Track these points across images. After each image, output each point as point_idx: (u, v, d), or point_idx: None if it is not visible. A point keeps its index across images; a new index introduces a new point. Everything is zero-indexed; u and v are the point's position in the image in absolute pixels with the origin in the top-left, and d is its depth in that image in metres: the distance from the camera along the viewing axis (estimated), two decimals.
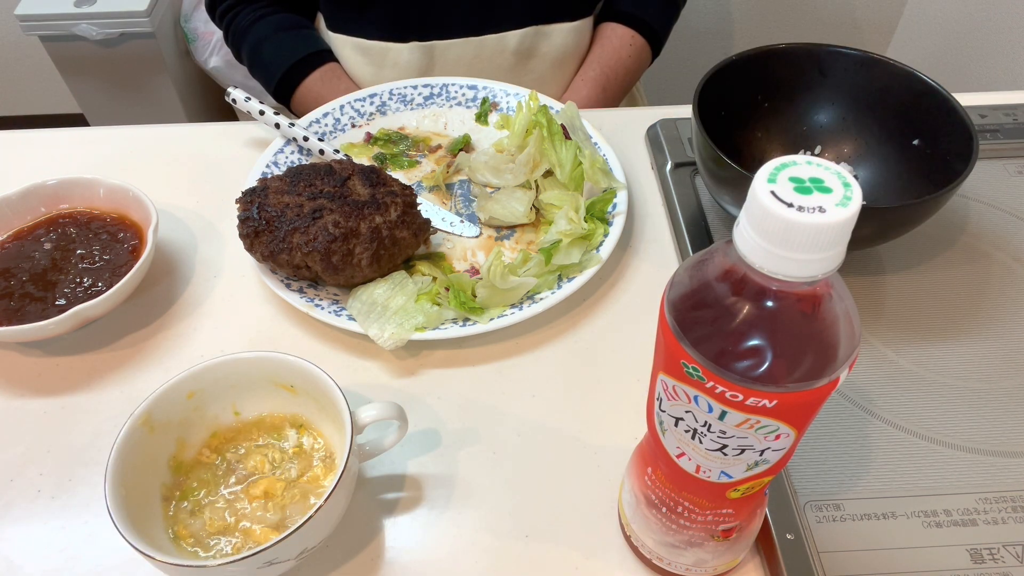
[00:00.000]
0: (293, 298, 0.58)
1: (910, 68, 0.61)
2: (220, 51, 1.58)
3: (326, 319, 0.57)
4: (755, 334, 0.30)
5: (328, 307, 0.58)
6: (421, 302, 0.57)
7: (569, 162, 0.67)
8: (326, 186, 0.60)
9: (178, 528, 0.46)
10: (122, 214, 0.64)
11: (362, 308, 0.57)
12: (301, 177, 0.61)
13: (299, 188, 0.60)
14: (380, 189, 0.61)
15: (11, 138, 0.78)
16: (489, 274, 0.57)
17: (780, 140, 0.67)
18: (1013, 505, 0.47)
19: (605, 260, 0.61)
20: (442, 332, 0.56)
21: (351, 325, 0.57)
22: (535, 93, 0.73)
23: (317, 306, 0.58)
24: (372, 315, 0.57)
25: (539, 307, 0.58)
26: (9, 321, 0.56)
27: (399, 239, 0.59)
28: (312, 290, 0.60)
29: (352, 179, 0.61)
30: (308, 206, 0.59)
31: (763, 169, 0.28)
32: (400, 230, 0.59)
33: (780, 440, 0.33)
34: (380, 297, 0.58)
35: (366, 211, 0.59)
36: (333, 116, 0.75)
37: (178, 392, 0.47)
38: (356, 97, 0.76)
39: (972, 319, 0.58)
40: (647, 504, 0.42)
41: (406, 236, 0.60)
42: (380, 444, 0.49)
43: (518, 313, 0.58)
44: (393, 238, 0.59)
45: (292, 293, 0.59)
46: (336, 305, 0.59)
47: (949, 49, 1.61)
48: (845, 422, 0.51)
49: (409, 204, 0.61)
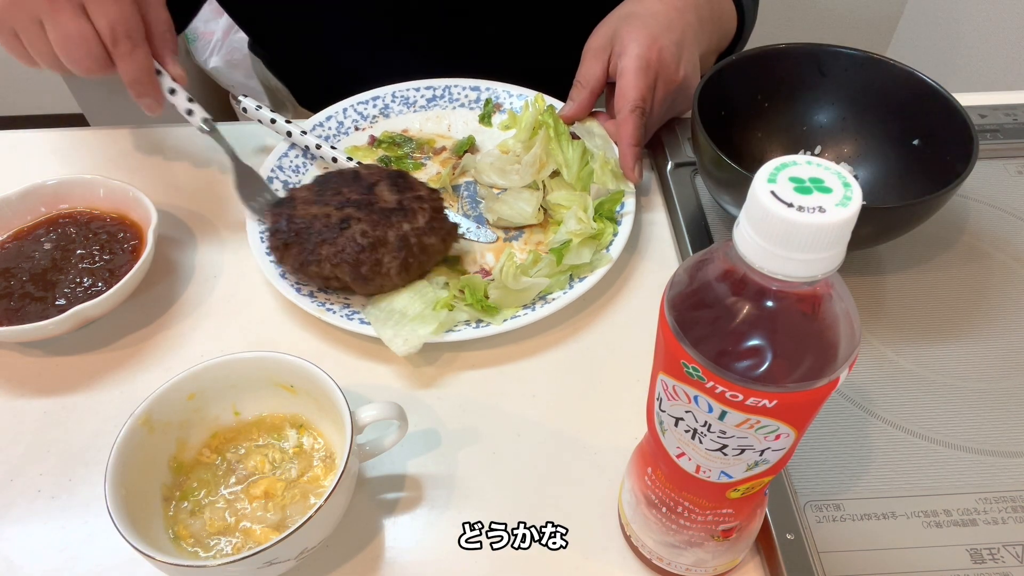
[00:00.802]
0: (304, 302, 0.58)
1: (910, 68, 0.61)
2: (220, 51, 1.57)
3: (338, 323, 0.57)
4: (755, 334, 0.30)
5: (340, 311, 0.58)
6: (438, 310, 0.57)
7: (576, 163, 0.67)
8: (353, 193, 0.59)
9: (178, 528, 0.46)
10: (122, 214, 0.64)
11: (380, 315, 0.57)
12: (328, 185, 0.61)
13: (327, 196, 0.59)
14: (407, 194, 0.60)
15: (11, 138, 0.78)
16: (502, 275, 0.57)
17: (780, 140, 0.67)
18: (1013, 505, 0.47)
19: (615, 259, 0.61)
20: (456, 335, 0.56)
21: (365, 329, 0.56)
22: (541, 95, 0.73)
23: (328, 310, 0.58)
24: (390, 322, 0.56)
25: (552, 307, 0.58)
26: (9, 321, 0.56)
27: (427, 246, 0.59)
28: (323, 294, 0.60)
29: (379, 185, 0.61)
30: (336, 216, 0.58)
31: (763, 169, 0.28)
32: (428, 236, 0.59)
33: (780, 440, 0.33)
34: (399, 305, 0.57)
35: (393, 219, 0.58)
36: (336, 119, 0.75)
37: (178, 392, 0.47)
38: (359, 100, 0.76)
39: (972, 319, 0.58)
40: (647, 504, 0.42)
41: (434, 242, 0.59)
42: (380, 444, 0.49)
43: (531, 314, 0.58)
44: (421, 245, 0.58)
45: (303, 298, 0.58)
46: (348, 309, 0.58)
47: (949, 49, 1.61)
48: (845, 422, 0.51)
49: (437, 209, 0.60)
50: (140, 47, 0.60)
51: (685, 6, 0.68)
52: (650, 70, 0.64)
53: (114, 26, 0.58)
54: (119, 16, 0.58)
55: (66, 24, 0.57)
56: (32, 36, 0.58)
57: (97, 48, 0.59)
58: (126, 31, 0.58)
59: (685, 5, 0.68)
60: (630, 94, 0.63)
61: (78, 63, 0.59)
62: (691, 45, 0.67)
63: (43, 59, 0.60)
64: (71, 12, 0.57)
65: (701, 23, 0.69)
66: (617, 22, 0.67)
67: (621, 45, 0.65)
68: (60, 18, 0.57)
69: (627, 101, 0.64)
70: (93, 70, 0.59)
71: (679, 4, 0.68)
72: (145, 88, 0.62)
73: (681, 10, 0.67)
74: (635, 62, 0.63)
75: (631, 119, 0.63)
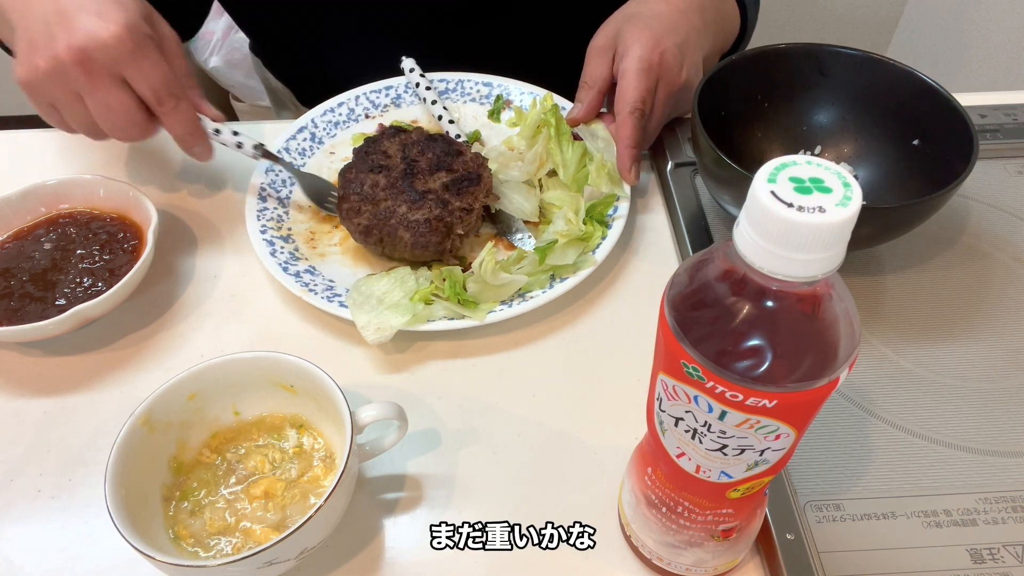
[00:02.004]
0: (288, 281, 0.59)
1: (910, 68, 0.61)
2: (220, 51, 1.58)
3: (318, 304, 0.58)
4: (755, 334, 0.30)
5: (322, 293, 0.59)
6: (415, 301, 0.57)
7: (574, 164, 0.67)
8: (429, 154, 0.64)
9: (178, 528, 0.46)
10: (122, 214, 0.64)
11: (358, 299, 0.57)
12: (409, 144, 0.64)
13: (407, 154, 0.64)
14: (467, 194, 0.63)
15: (11, 138, 0.78)
16: (480, 269, 0.57)
17: (780, 140, 0.67)
18: (1013, 505, 0.47)
19: (600, 263, 0.61)
20: (433, 325, 0.57)
21: (343, 312, 0.57)
22: (550, 94, 0.74)
23: (311, 291, 0.59)
24: (366, 306, 0.57)
25: (528, 305, 0.58)
26: (9, 321, 0.56)
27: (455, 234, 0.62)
28: (309, 275, 0.61)
29: (463, 157, 0.65)
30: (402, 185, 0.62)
31: (763, 169, 0.28)
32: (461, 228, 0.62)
33: (780, 440, 0.33)
34: (378, 291, 0.58)
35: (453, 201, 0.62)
36: (348, 106, 0.76)
37: (178, 392, 0.47)
38: (372, 88, 0.77)
39: (972, 319, 0.58)
40: (647, 504, 0.42)
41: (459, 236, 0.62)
42: (380, 444, 0.49)
43: (507, 310, 0.58)
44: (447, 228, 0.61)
45: (288, 276, 0.60)
46: (329, 291, 0.59)
47: (949, 49, 1.61)
48: (845, 422, 0.51)
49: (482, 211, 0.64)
50: (183, 101, 0.60)
51: (690, 8, 0.68)
52: (652, 72, 0.64)
53: (157, 89, 0.58)
54: (160, 78, 0.58)
55: (106, 96, 0.57)
56: (71, 109, 0.59)
57: (139, 115, 0.59)
58: (168, 90, 0.59)
59: (690, 7, 0.68)
60: (630, 96, 0.63)
61: (122, 132, 0.59)
62: (694, 48, 0.67)
63: (83, 129, 0.60)
64: (110, 83, 0.56)
65: (706, 25, 0.69)
66: (621, 22, 0.67)
67: (624, 46, 0.65)
68: (99, 91, 0.57)
69: (627, 103, 0.63)
70: (135, 137, 0.60)
71: (684, 6, 0.68)
72: (195, 138, 0.62)
73: (686, 12, 0.67)
74: (637, 63, 0.63)
75: (630, 120, 0.63)
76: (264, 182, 0.68)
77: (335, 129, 0.75)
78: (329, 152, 0.73)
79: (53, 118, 0.61)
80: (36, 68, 0.56)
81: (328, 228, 0.67)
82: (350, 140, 0.74)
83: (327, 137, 0.74)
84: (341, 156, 0.73)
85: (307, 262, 0.63)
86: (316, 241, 0.66)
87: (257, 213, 0.65)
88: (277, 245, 0.63)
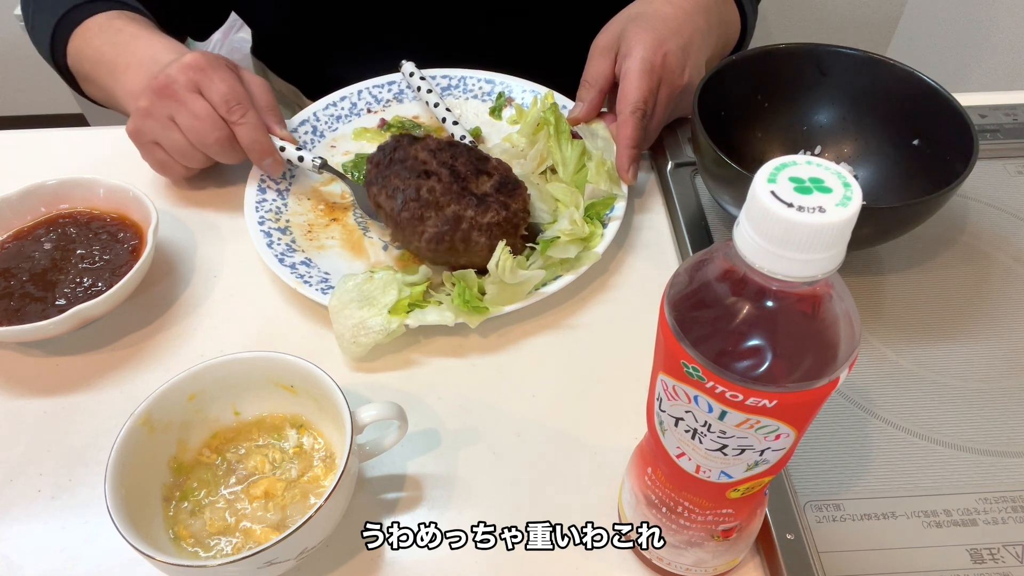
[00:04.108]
0: (284, 273, 0.60)
1: (910, 68, 0.61)
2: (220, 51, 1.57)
3: (312, 296, 0.58)
4: (755, 334, 0.30)
5: (316, 285, 0.59)
6: (395, 315, 0.56)
7: (573, 162, 0.67)
8: (462, 159, 0.62)
9: (178, 528, 0.46)
10: (122, 214, 0.64)
11: (344, 297, 0.57)
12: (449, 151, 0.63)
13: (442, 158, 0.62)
14: (513, 204, 0.61)
15: (11, 138, 0.78)
16: (498, 269, 0.56)
17: (780, 140, 0.67)
18: (1013, 505, 0.47)
19: (599, 259, 0.61)
20: (428, 317, 0.57)
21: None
22: (551, 92, 0.74)
23: (306, 283, 0.59)
24: (352, 304, 0.57)
25: (528, 300, 0.58)
26: (9, 321, 0.56)
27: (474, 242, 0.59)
28: (304, 267, 0.61)
29: (491, 162, 0.63)
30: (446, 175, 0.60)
31: (763, 169, 0.28)
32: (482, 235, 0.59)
33: (780, 440, 0.33)
34: (367, 289, 0.57)
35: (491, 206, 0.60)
36: (350, 100, 0.76)
37: (178, 392, 0.47)
38: (375, 83, 0.78)
39: (972, 319, 0.58)
40: (647, 504, 0.42)
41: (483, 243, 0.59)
42: (380, 444, 0.49)
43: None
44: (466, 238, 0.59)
45: (283, 268, 0.60)
46: (324, 284, 0.60)
47: (949, 49, 1.61)
48: (845, 422, 0.51)
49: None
50: (251, 110, 0.64)
51: (695, 10, 0.68)
52: (654, 73, 0.64)
53: (226, 98, 0.63)
54: (229, 89, 0.63)
55: (192, 106, 0.62)
56: (167, 135, 0.64)
57: (220, 120, 0.64)
58: (237, 99, 0.64)
59: (695, 9, 0.68)
60: (632, 96, 0.63)
61: (208, 135, 0.63)
62: (698, 50, 0.67)
63: (180, 153, 0.65)
64: (193, 97, 0.63)
65: (709, 27, 0.69)
66: (625, 22, 0.67)
67: (627, 46, 0.65)
68: (185, 105, 0.62)
69: (628, 103, 0.64)
70: (222, 141, 0.64)
71: (688, 7, 0.68)
72: (264, 147, 0.65)
73: (690, 13, 0.67)
74: (639, 64, 0.63)
75: (631, 121, 0.63)
76: (263, 174, 0.68)
77: (337, 123, 0.75)
78: (330, 146, 0.74)
79: (156, 155, 0.66)
80: (136, 110, 0.64)
81: (326, 221, 0.67)
82: (351, 134, 0.74)
83: (328, 131, 0.75)
84: (343, 150, 0.73)
85: (303, 254, 0.63)
86: (313, 233, 0.66)
87: (256, 204, 0.66)
88: (274, 236, 0.64)
